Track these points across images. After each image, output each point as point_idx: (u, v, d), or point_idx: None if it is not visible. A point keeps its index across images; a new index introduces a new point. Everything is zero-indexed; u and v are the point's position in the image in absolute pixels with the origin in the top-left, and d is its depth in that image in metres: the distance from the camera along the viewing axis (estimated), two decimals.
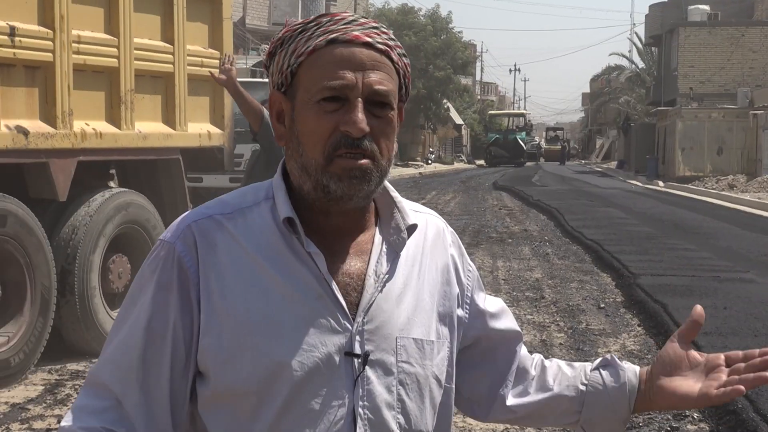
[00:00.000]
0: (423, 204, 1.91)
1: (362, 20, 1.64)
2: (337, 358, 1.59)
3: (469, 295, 1.82)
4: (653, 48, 55.92)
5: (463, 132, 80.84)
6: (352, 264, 1.66)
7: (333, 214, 1.65)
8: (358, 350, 1.61)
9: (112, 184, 8.08)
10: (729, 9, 47.86)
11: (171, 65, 7.89)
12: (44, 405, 6.23)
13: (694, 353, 1.73)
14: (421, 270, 1.73)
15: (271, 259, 1.62)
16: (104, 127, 7.26)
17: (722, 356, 1.72)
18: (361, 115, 1.57)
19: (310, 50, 1.61)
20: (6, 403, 6.27)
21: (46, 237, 6.81)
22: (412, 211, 1.75)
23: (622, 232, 16.61)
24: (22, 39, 6.45)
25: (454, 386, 1.77)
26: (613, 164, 60.85)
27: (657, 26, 49.91)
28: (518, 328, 1.92)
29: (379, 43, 1.62)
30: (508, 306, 1.93)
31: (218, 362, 1.60)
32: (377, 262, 1.67)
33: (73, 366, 7.18)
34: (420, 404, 1.67)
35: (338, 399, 1.59)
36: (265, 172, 6.59)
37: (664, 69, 48.81)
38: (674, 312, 8.85)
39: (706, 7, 46.09)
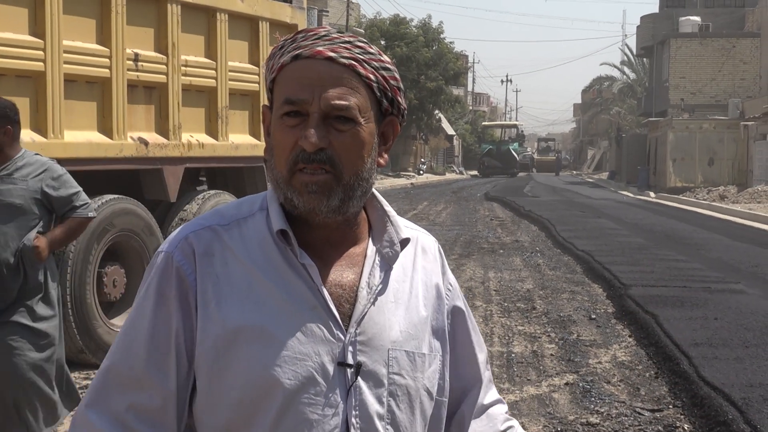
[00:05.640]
0: (414, 214, 1.92)
1: (335, 35, 1.64)
2: (330, 368, 1.61)
3: (449, 311, 1.82)
4: (644, 59, 56.10)
5: (455, 142, 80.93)
6: (345, 275, 1.67)
7: (314, 226, 1.66)
8: (350, 360, 1.62)
9: (204, 186, 9.44)
10: (720, 20, 48.06)
11: (257, 84, 8.99)
12: None
13: None
14: (413, 284, 1.74)
15: (266, 269, 1.63)
16: (205, 138, 8.44)
17: None
18: (313, 131, 1.58)
19: (278, 66, 1.64)
20: None
21: (160, 232, 7.90)
22: (405, 227, 1.77)
23: (613, 242, 16.64)
24: (144, 64, 7.58)
25: (446, 399, 1.78)
26: (605, 175, 60.95)
27: (648, 37, 50.08)
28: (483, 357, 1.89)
29: (344, 57, 1.61)
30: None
31: (214, 370, 1.61)
32: (370, 274, 1.68)
33: None
34: (410, 416, 1.68)
35: (332, 408, 1.60)
36: None
37: (656, 80, 48.97)
38: (665, 323, 8.86)
39: (698, 19, 46.29)
